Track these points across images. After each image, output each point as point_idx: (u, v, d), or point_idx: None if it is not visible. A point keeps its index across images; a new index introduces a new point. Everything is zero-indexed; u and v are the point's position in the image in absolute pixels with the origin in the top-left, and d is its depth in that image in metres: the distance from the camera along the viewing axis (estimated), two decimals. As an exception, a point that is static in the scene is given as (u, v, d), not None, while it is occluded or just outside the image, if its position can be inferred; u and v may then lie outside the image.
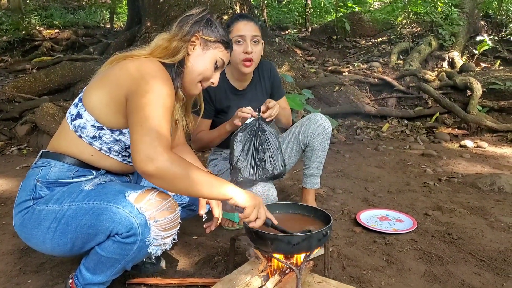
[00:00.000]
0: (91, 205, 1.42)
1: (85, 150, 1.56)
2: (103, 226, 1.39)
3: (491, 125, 5.09)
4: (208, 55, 1.67)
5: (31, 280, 1.87)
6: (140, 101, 1.41)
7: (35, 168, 1.58)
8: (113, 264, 1.49)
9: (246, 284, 1.57)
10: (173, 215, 1.48)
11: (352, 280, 1.88)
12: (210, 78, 1.72)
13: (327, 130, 2.38)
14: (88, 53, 6.79)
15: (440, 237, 2.32)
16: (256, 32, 2.21)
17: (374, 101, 5.95)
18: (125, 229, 1.38)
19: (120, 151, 1.60)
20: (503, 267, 2.00)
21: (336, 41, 8.27)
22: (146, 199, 1.43)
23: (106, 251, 1.45)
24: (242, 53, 2.19)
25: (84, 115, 1.53)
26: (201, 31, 1.65)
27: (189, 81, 1.68)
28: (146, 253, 1.48)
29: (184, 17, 1.67)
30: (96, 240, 1.44)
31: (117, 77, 1.50)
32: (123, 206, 1.39)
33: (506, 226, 2.46)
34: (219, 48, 1.69)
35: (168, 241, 1.51)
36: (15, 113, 4.86)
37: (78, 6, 11.63)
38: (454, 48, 7.06)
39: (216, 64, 1.70)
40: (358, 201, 2.93)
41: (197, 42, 1.65)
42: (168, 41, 1.60)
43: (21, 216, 1.53)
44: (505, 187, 3.16)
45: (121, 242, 1.41)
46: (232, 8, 5.83)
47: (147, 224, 1.40)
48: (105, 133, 1.54)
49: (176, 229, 1.53)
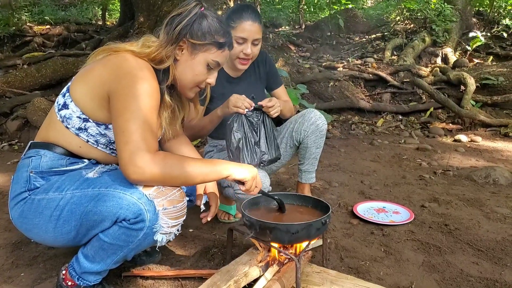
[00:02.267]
0: (96, 191, 1.39)
1: (73, 141, 1.53)
2: (110, 212, 1.36)
3: (484, 119, 5.12)
4: (197, 60, 1.57)
5: (24, 274, 1.84)
6: (121, 105, 1.37)
7: (25, 160, 1.54)
8: (115, 252, 1.45)
9: (245, 274, 1.55)
10: (181, 204, 1.46)
11: (350, 271, 1.87)
12: (203, 81, 1.63)
13: (321, 128, 2.35)
14: (80, 48, 6.71)
15: (437, 228, 2.31)
16: (258, 35, 2.18)
17: (368, 96, 5.96)
18: (133, 215, 1.35)
19: (107, 144, 1.57)
20: (501, 256, 1.99)
21: (330, 37, 8.27)
22: (156, 187, 1.40)
23: (111, 237, 1.41)
24: (241, 53, 2.17)
25: (70, 106, 1.50)
26: (189, 33, 1.53)
27: (182, 87, 1.63)
28: (151, 241, 1.44)
29: (172, 17, 1.55)
30: (101, 226, 1.40)
31: (100, 74, 1.45)
32: (131, 193, 1.36)
33: (502, 217, 2.46)
34: (210, 50, 1.57)
35: (174, 230, 1.48)
36: (6, 108, 4.81)
37: (70, 2, 11.53)
38: (447, 44, 7.09)
39: (209, 66, 1.60)
40: (354, 194, 2.92)
41: (184, 46, 1.55)
42: (156, 50, 1.50)
43: (18, 208, 1.48)
44: (500, 179, 3.16)
45: (127, 227, 1.38)
46: (226, 4, 5.79)
47: (155, 211, 1.38)
48: (91, 126, 1.50)
49: (183, 218, 1.51)
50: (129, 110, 1.36)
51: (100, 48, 1.56)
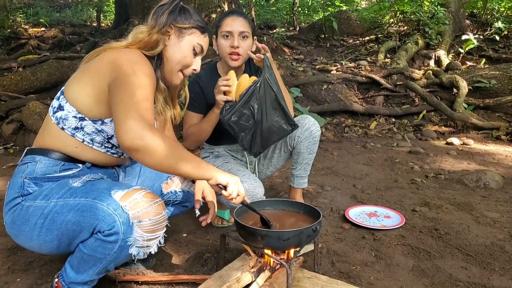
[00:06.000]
0: (77, 201, 1.41)
1: (69, 143, 1.56)
2: (87, 223, 1.38)
3: (476, 122, 5.17)
4: (185, 43, 1.67)
5: (20, 279, 1.86)
6: (121, 84, 1.42)
7: (21, 166, 1.57)
8: (95, 263, 1.46)
9: (237, 280, 1.58)
10: (158, 216, 1.45)
11: (341, 276, 1.90)
12: (190, 65, 1.72)
13: (314, 134, 2.39)
14: (75, 51, 6.73)
15: (428, 233, 2.35)
16: (244, 28, 2.22)
17: (362, 99, 6.00)
18: (108, 226, 1.36)
19: (102, 142, 1.60)
20: (489, 261, 2.03)
21: (324, 40, 8.31)
22: (132, 198, 1.40)
23: (89, 248, 1.43)
24: (229, 47, 2.21)
25: (66, 107, 1.53)
26: (175, 20, 1.65)
27: (168, 71, 1.69)
28: (127, 254, 1.44)
29: (157, 7, 1.67)
30: (81, 237, 1.42)
31: (98, 68, 1.51)
32: (108, 204, 1.37)
33: (492, 221, 2.50)
34: (195, 33, 1.68)
35: (152, 244, 1.48)
36: (1, 112, 4.81)
37: (64, 4, 11.52)
38: (440, 46, 7.14)
39: (194, 50, 1.70)
40: (346, 198, 2.96)
41: (171, 32, 1.65)
42: (148, 35, 1.61)
43: (11, 214, 1.51)
44: (490, 183, 3.21)
45: (102, 240, 1.39)
46: (220, 7, 5.83)
47: (130, 224, 1.38)
48: (87, 124, 1.54)
49: (162, 232, 1.50)
50: (130, 86, 1.41)
51: (92, 52, 1.64)
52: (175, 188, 1.91)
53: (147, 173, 1.93)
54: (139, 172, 1.93)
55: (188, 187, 1.94)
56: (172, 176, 1.92)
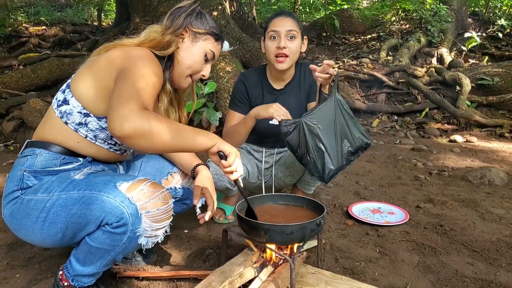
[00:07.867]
0: (81, 194, 1.39)
1: (71, 137, 1.53)
2: (94, 216, 1.36)
3: (480, 120, 5.13)
4: (197, 48, 1.65)
5: (19, 275, 1.83)
6: (123, 78, 1.38)
7: (20, 158, 1.55)
8: (103, 255, 1.45)
9: (239, 275, 1.55)
10: (165, 206, 1.45)
11: (345, 272, 1.87)
12: (200, 71, 1.70)
13: None
14: (76, 49, 6.71)
15: (433, 229, 2.32)
16: (291, 27, 2.14)
17: (364, 97, 5.97)
18: (116, 218, 1.35)
19: (105, 139, 1.58)
20: (496, 257, 2.00)
21: (325, 38, 8.28)
22: (138, 189, 1.39)
23: (96, 241, 1.41)
24: (275, 48, 2.14)
25: (71, 101, 1.51)
26: (191, 23, 1.64)
27: (178, 75, 1.67)
28: (136, 245, 1.44)
29: (175, 9, 1.67)
30: (87, 230, 1.41)
31: (105, 64, 1.48)
32: (114, 196, 1.35)
33: (497, 218, 2.47)
34: (209, 40, 1.67)
35: (160, 233, 1.47)
36: (2, 109, 4.79)
37: (65, 3, 11.51)
38: (443, 44, 7.11)
39: (206, 57, 1.68)
40: (349, 194, 2.92)
41: (186, 35, 1.64)
42: (161, 35, 1.59)
43: (10, 207, 1.49)
44: (495, 180, 3.18)
45: (111, 232, 1.38)
46: (221, 4, 5.78)
47: (138, 215, 1.37)
48: (91, 120, 1.51)
49: (169, 221, 1.50)
50: (131, 79, 1.36)
51: (101, 46, 1.59)
52: (175, 185, 1.88)
53: (148, 168, 1.90)
54: (140, 167, 1.91)
55: (189, 184, 1.91)
56: (172, 172, 1.89)
